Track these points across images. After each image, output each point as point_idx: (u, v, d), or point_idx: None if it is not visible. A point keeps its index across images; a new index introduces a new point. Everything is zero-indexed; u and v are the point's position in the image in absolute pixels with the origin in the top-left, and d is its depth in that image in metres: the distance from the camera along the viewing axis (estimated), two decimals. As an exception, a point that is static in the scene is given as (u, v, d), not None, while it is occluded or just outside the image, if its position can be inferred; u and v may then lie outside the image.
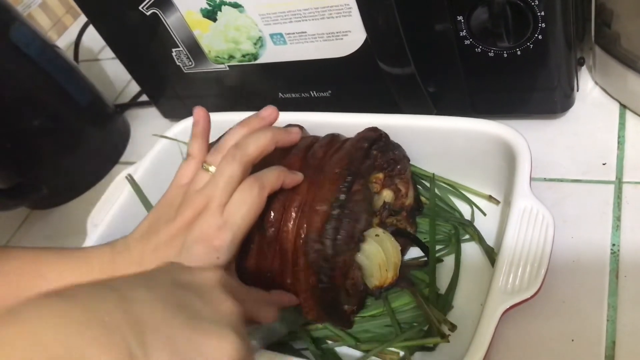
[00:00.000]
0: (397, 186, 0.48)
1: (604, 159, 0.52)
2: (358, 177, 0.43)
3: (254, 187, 0.41)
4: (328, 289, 0.41)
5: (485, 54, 0.50)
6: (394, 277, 0.44)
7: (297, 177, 0.44)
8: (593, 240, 0.47)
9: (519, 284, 0.39)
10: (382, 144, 0.46)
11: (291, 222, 0.44)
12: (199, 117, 0.45)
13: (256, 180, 0.41)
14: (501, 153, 0.47)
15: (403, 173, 0.48)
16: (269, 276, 0.45)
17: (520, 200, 0.42)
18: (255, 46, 0.59)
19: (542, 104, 0.54)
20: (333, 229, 0.41)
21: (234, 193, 0.41)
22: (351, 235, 0.42)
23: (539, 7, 0.46)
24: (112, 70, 0.95)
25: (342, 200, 0.41)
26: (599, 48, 0.53)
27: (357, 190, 0.43)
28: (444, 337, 0.41)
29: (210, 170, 0.42)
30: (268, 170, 0.43)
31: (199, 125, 0.45)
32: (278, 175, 0.43)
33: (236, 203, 0.41)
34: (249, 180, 0.41)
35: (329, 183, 0.42)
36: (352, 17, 0.52)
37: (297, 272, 0.44)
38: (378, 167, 0.47)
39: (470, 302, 0.46)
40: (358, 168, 0.43)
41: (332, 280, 0.41)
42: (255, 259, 0.46)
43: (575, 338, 0.43)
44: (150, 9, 0.60)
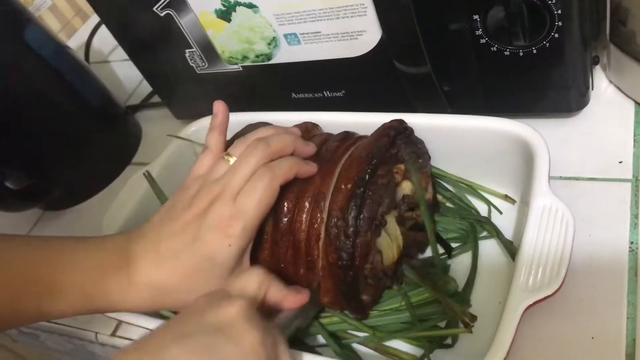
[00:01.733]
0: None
1: (619, 158, 0.52)
2: (383, 162, 0.44)
3: (265, 176, 0.41)
4: (347, 267, 0.42)
5: (501, 52, 0.50)
6: (399, 254, 0.45)
7: (311, 167, 0.45)
8: (611, 238, 0.47)
9: (540, 281, 0.39)
10: (406, 136, 0.47)
11: (304, 212, 0.44)
12: (218, 111, 0.46)
13: (268, 170, 0.42)
14: (518, 151, 0.48)
15: (424, 168, 0.48)
16: (283, 267, 0.46)
17: (540, 198, 0.42)
18: (269, 46, 0.59)
19: (557, 102, 0.54)
20: (356, 207, 0.42)
21: (250, 193, 0.42)
22: (373, 217, 0.43)
23: (555, 6, 0.46)
24: (122, 72, 0.95)
25: (367, 180, 0.42)
26: (613, 46, 0.53)
27: (382, 175, 0.44)
28: (467, 326, 0.41)
29: (229, 162, 0.43)
30: (282, 160, 0.43)
31: (217, 118, 0.46)
32: (291, 165, 0.43)
33: (248, 192, 0.41)
34: (262, 170, 0.42)
35: (356, 165, 0.43)
36: (367, 16, 0.52)
37: (311, 263, 0.44)
38: (400, 158, 0.47)
39: (487, 300, 0.46)
40: (383, 154, 0.44)
41: (352, 259, 0.42)
42: (269, 250, 0.46)
43: (595, 336, 0.43)
44: (165, 9, 0.60)
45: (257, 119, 0.57)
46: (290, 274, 0.45)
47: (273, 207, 0.46)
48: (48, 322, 0.63)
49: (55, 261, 0.43)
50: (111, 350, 0.60)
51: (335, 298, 0.44)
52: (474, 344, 0.44)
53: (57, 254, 0.43)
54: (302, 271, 0.45)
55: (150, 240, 0.43)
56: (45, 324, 0.63)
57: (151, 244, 0.43)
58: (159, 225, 0.44)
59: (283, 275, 0.46)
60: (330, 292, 0.44)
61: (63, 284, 0.42)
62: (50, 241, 0.45)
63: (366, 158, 0.43)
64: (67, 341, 0.65)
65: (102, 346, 0.61)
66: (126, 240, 0.44)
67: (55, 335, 0.65)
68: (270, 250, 0.46)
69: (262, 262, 0.47)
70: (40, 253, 0.43)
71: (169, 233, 0.42)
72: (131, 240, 0.44)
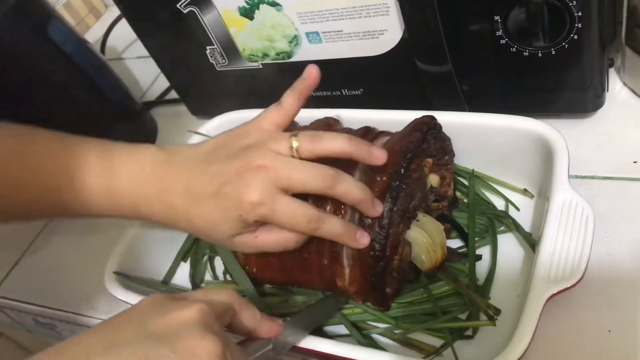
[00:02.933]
0: (442, 173, 0.49)
1: (634, 157, 0.53)
2: (416, 156, 0.45)
3: (311, 220, 0.41)
4: (379, 258, 0.43)
5: (520, 53, 0.51)
6: (443, 255, 0.45)
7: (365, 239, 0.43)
8: (626, 235, 0.48)
9: (562, 273, 0.40)
10: (436, 132, 0.48)
11: (328, 204, 0.45)
12: (308, 75, 0.44)
13: (318, 220, 0.41)
14: (536, 149, 0.49)
15: (449, 164, 0.50)
16: (307, 257, 0.47)
17: (561, 193, 0.43)
18: (290, 44, 0.61)
19: (574, 103, 0.55)
20: (392, 200, 0.43)
21: (292, 202, 0.41)
22: (406, 209, 0.44)
23: (576, 8, 0.47)
24: (136, 69, 0.96)
25: (402, 174, 0.43)
26: (629, 49, 0.55)
27: (414, 169, 0.45)
28: (492, 319, 0.42)
29: (292, 144, 0.41)
30: (336, 224, 0.42)
31: (304, 82, 0.44)
32: (341, 233, 0.42)
33: (289, 208, 0.40)
34: (312, 214, 0.41)
35: (390, 158, 0.43)
36: (389, 16, 0.53)
37: (335, 254, 0.45)
38: (429, 152, 0.49)
39: (505, 293, 0.47)
40: (416, 148, 0.45)
41: (383, 250, 0.43)
42: None
43: (611, 329, 0.44)
44: (188, 7, 0.61)
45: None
46: (314, 264, 0.46)
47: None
48: (65, 312, 0.63)
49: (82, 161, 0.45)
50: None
51: (361, 288, 0.45)
52: (493, 335, 0.45)
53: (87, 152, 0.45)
54: (326, 261, 0.46)
55: (182, 168, 0.43)
56: (63, 314, 0.64)
57: (184, 173, 0.43)
58: (200, 159, 0.43)
59: (307, 265, 0.47)
60: (357, 282, 0.45)
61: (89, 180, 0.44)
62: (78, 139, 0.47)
63: (400, 152, 0.44)
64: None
65: (120, 336, 0.61)
66: (154, 161, 0.45)
67: (72, 326, 0.66)
68: None
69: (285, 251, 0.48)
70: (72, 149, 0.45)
71: (201, 172, 0.42)
72: (164, 162, 0.44)
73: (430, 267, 0.45)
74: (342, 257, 0.45)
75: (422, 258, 0.45)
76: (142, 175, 0.44)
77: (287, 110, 0.44)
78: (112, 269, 0.53)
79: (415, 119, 0.49)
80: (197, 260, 0.59)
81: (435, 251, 0.45)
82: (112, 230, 0.66)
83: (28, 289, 0.68)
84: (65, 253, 0.70)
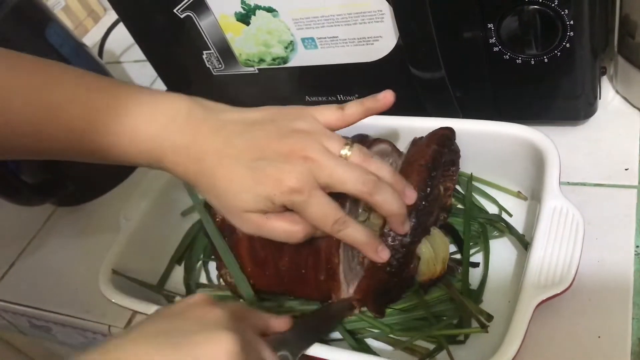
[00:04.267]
0: (447, 184, 0.50)
1: (626, 165, 0.53)
2: (439, 172, 0.44)
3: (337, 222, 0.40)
4: (394, 274, 0.43)
5: (513, 61, 0.52)
6: (442, 270, 0.45)
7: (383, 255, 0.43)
8: (617, 241, 0.49)
9: (551, 279, 0.40)
10: (451, 144, 0.49)
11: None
12: (383, 98, 0.43)
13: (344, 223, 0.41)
14: (529, 156, 0.49)
15: (454, 175, 0.50)
16: (304, 272, 0.47)
17: (551, 199, 0.44)
18: (286, 50, 0.61)
19: (566, 111, 0.56)
20: (417, 218, 0.43)
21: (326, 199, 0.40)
22: (425, 227, 0.44)
23: (568, 16, 0.47)
24: (134, 72, 0.97)
25: (427, 193, 0.43)
26: (621, 58, 0.55)
27: (436, 185, 0.45)
28: (484, 326, 0.43)
29: (345, 150, 0.41)
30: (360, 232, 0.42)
31: (375, 103, 0.43)
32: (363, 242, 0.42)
33: (322, 204, 0.40)
34: (341, 217, 0.40)
35: (416, 174, 0.43)
36: (384, 22, 0.54)
37: (331, 270, 0.45)
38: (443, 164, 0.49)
39: (498, 298, 0.48)
40: (440, 164, 0.45)
41: (400, 267, 0.43)
42: (289, 256, 0.47)
43: (601, 335, 0.44)
44: (185, 12, 0.62)
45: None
46: (311, 280, 0.47)
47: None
48: (60, 315, 0.64)
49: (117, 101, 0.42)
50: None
51: (365, 297, 0.46)
52: (484, 340, 0.45)
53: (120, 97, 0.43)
54: (323, 277, 0.46)
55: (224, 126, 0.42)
56: (58, 316, 0.64)
57: (220, 131, 0.41)
58: (246, 125, 0.42)
59: (304, 280, 0.47)
60: (363, 292, 0.45)
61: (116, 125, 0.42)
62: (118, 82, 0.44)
63: (426, 168, 0.44)
64: (80, 334, 0.66)
65: (115, 339, 0.62)
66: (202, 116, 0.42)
67: (67, 328, 0.66)
68: (290, 257, 0.47)
69: (282, 268, 0.48)
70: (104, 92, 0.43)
71: (246, 139, 0.41)
72: (201, 118, 0.42)
73: (426, 279, 0.45)
74: (339, 274, 0.46)
75: (422, 269, 0.45)
76: (174, 125, 0.42)
77: (346, 118, 0.43)
78: (107, 271, 0.54)
79: (435, 131, 0.49)
80: (191, 264, 0.59)
81: (436, 265, 0.45)
82: (107, 233, 0.66)
83: (23, 292, 0.69)
84: (61, 256, 0.71)
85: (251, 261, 0.50)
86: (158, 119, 0.42)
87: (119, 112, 0.42)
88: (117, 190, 0.76)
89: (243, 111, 0.44)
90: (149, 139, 0.42)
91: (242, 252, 0.50)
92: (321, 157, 0.40)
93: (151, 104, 0.43)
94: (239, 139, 0.41)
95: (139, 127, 0.42)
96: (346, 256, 0.46)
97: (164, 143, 0.42)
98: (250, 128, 0.42)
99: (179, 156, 0.42)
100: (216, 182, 0.41)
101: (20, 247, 0.74)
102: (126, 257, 0.56)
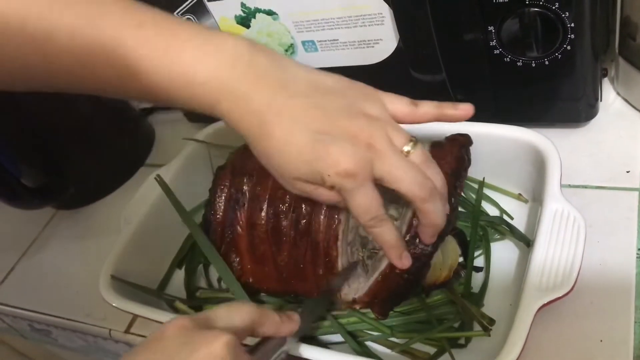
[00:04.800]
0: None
1: (627, 167, 0.53)
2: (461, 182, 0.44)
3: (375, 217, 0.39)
4: (410, 282, 0.43)
5: (514, 63, 0.52)
6: (447, 277, 0.45)
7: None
8: (619, 244, 0.48)
9: (553, 282, 0.40)
10: (466, 150, 0.48)
11: (322, 214, 0.45)
12: (462, 109, 0.42)
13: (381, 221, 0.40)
14: (530, 159, 0.49)
15: (464, 180, 0.50)
16: (302, 267, 0.47)
17: (553, 202, 0.44)
18: (286, 53, 0.61)
19: (567, 113, 0.56)
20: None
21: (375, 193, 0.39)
22: (443, 236, 0.44)
23: (568, 19, 0.47)
24: (134, 75, 0.97)
25: (453, 204, 0.43)
26: (622, 59, 0.55)
27: (457, 194, 0.45)
28: (486, 330, 0.43)
29: (409, 147, 0.39)
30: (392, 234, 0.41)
31: (453, 111, 0.42)
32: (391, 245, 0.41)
33: (369, 196, 0.38)
34: (381, 214, 0.39)
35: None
36: (384, 25, 0.54)
37: (329, 263, 0.45)
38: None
39: (499, 300, 0.48)
40: (461, 174, 0.45)
41: (417, 275, 0.43)
42: (287, 251, 0.48)
43: (603, 338, 0.44)
44: (185, 15, 0.61)
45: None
46: (310, 274, 0.47)
47: (292, 209, 0.47)
48: (60, 319, 0.63)
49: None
50: (124, 347, 0.61)
51: (373, 300, 0.46)
52: (485, 343, 0.45)
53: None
54: (321, 271, 0.46)
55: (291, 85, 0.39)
56: (59, 320, 0.64)
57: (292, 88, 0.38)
58: (310, 84, 0.39)
59: (303, 275, 0.47)
60: (373, 295, 0.45)
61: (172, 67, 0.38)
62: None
63: (450, 178, 0.43)
64: (80, 338, 0.66)
65: (115, 343, 0.61)
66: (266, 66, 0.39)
67: (68, 332, 0.66)
68: (289, 251, 0.47)
69: (281, 263, 0.48)
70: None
71: (313, 100, 0.38)
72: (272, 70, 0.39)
73: (430, 283, 0.45)
74: (338, 267, 0.46)
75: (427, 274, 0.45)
76: (235, 72, 0.39)
77: (416, 115, 0.41)
78: (107, 275, 0.53)
79: (451, 137, 0.49)
80: (192, 268, 0.59)
81: (442, 270, 0.45)
82: (107, 236, 0.66)
83: (23, 295, 0.68)
84: (61, 259, 0.71)
85: (251, 258, 0.50)
86: (217, 63, 0.39)
87: (177, 52, 0.38)
88: (117, 193, 0.76)
89: (310, 71, 0.40)
90: (206, 82, 0.39)
91: (242, 248, 0.51)
92: (386, 149, 0.38)
93: (211, 45, 0.39)
94: (305, 104, 0.38)
95: (197, 70, 0.38)
96: (345, 251, 0.47)
97: (221, 89, 0.39)
98: (319, 94, 0.39)
99: (235, 105, 0.39)
100: (272, 141, 0.38)
101: (21, 250, 0.74)
102: (126, 260, 0.56)
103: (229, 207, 0.50)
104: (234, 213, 0.50)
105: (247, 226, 0.49)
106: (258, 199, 0.49)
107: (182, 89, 0.39)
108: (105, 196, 0.77)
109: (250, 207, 0.49)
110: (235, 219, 0.50)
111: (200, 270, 0.60)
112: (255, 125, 0.39)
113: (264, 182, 0.49)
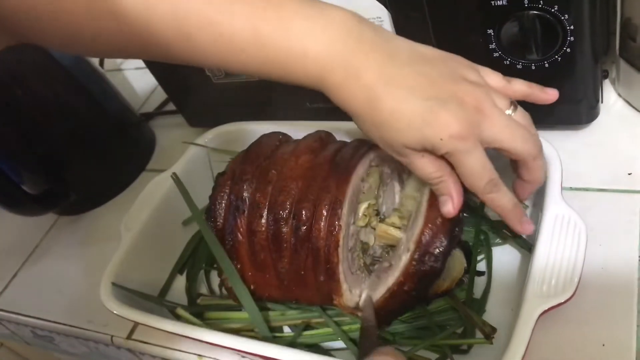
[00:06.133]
0: None
1: (629, 169, 0.53)
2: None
3: (490, 182, 0.40)
4: (416, 297, 0.43)
5: (514, 66, 0.52)
6: (448, 287, 0.45)
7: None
8: (620, 248, 0.48)
9: (554, 288, 0.40)
10: None
11: (322, 220, 0.45)
12: (549, 92, 0.44)
13: (496, 185, 0.40)
14: (530, 162, 0.49)
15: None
16: (303, 274, 0.47)
17: (553, 207, 0.44)
18: (285, 57, 0.61)
19: (568, 115, 0.55)
20: (449, 246, 0.43)
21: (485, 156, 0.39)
22: (450, 252, 0.44)
23: (568, 21, 0.47)
24: (134, 80, 0.97)
25: (460, 219, 0.43)
26: (623, 61, 0.55)
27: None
28: (488, 337, 0.42)
29: (511, 110, 0.40)
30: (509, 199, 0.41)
31: (540, 92, 0.44)
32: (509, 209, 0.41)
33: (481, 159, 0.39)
34: (496, 178, 0.40)
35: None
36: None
37: (330, 270, 0.45)
38: None
39: (501, 306, 0.48)
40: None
41: (424, 292, 0.43)
42: (288, 257, 0.47)
43: (605, 343, 0.44)
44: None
45: (271, 129, 0.59)
46: (311, 281, 0.46)
47: (292, 215, 0.47)
48: (63, 325, 0.64)
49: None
50: (126, 353, 0.61)
51: (378, 312, 0.45)
52: (488, 349, 0.45)
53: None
54: (322, 278, 0.46)
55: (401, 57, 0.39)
56: (61, 327, 0.64)
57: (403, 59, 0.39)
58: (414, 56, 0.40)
59: (304, 282, 0.47)
60: (378, 308, 0.45)
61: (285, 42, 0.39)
62: None
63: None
64: (83, 344, 0.66)
65: (117, 349, 0.61)
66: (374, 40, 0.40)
67: (70, 338, 0.66)
68: (290, 258, 0.47)
69: (282, 270, 0.48)
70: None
71: (420, 69, 0.39)
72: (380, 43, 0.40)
73: (432, 292, 0.45)
74: (338, 274, 0.46)
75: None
76: (346, 47, 0.39)
77: (508, 90, 0.42)
78: (108, 283, 0.53)
79: None
80: (193, 274, 0.59)
81: (445, 280, 0.45)
82: (108, 242, 0.66)
83: (26, 302, 0.68)
84: (63, 265, 0.71)
85: (251, 265, 0.50)
86: (329, 37, 0.39)
87: (289, 26, 0.39)
88: (118, 199, 0.76)
89: (409, 42, 0.41)
90: (319, 57, 0.39)
91: (242, 255, 0.50)
92: (493, 111, 0.39)
93: (321, 20, 0.39)
94: (412, 72, 0.39)
95: (308, 45, 0.39)
96: (346, 257, 0.46)
97: (333, 64, 0.39)
98: (422, 61, 0.40)
99: (346, 79, 0.39)
100: (382, 113, 0.39)
101: (23, 257, 0.74)
102: (127, 266, 0.56)
103: (229, 214, 0.50)
104: (234, 220, 0.50)
105: (248, 233, 0.49)
106: (258, 206, 0.49)
107: (294, 65, 0.40)
108: (107, 202, 0.77)
109: (250, 214, 0.49)
110: (235, 226, 0.50)
111: (201, 277, 0.60)
112: (364, 99, 0.39)
113: (263, 188, 0.49)
